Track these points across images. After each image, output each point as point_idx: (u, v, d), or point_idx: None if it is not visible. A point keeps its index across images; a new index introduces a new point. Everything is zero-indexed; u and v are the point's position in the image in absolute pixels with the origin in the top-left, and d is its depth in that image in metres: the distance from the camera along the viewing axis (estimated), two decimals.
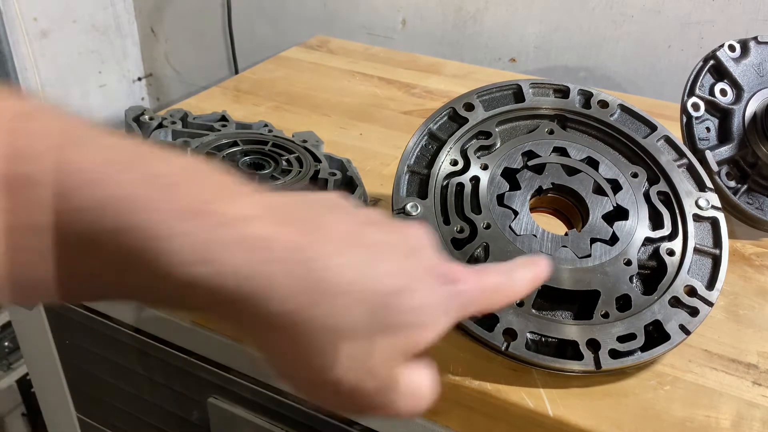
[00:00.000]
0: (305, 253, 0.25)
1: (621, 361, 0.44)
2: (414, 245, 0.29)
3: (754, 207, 0.61)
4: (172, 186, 0.24)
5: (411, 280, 0.28)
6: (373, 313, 0.26)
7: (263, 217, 0.25)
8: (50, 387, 0.75)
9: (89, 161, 0.23)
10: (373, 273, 0.27)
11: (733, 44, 0.63)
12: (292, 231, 0.26)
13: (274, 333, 0.26)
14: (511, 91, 0.54)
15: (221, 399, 0.59)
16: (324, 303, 0.26)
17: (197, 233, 0.24)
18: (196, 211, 0.24)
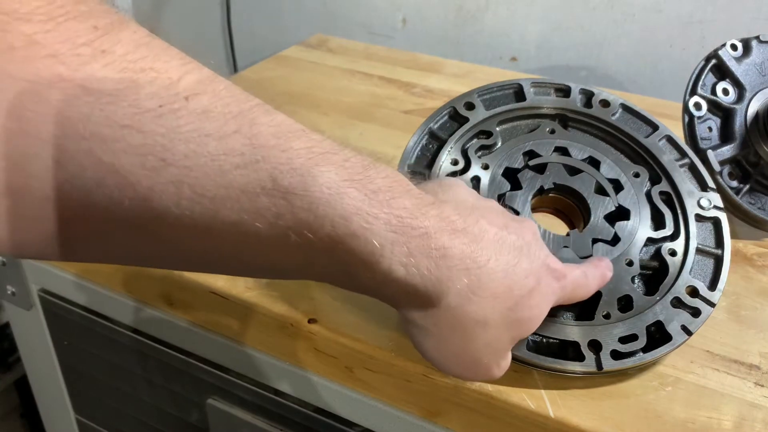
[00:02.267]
0: (470, 261, 0.32)
1: (622, 362, 0.44)
2: (532, 244, 0.36)
3: (756, 207, 0.61)
4: (385, 202, 0.30)
5: (537, 281, 0.35)
6: (510, 310, 0.34)
7: (443, 230, 0.32)
8: (48, 388, 0.75)
9: (337, 179, 0.28)
10: (515, 276, 0.34)
11: (735, 43, 0.63)
12: (462, 241, 0.32)
13: (438, 321, 0.33)
14: (512, 91, 0.54)
15: (220, 400, 0.58)
16: (479, 301, 0.33)
17: (402, 243, 0.30)
18: (402, 225, 0.30)
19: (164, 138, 0.24)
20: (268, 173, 0.27)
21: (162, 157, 0.24)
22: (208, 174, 0.25)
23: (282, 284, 0.53)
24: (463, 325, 0.33)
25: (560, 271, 0.38)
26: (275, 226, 0.27)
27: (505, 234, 0.35)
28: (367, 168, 0.30)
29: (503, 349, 0.36)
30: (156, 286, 0.55)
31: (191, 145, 0.25)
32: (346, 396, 0.51)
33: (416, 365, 0.46)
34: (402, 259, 0.30)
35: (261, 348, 0.53)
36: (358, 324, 0.49)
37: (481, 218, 0.34)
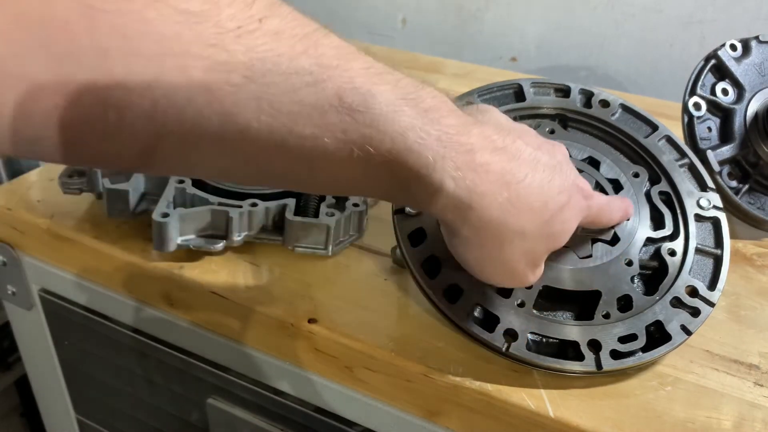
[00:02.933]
0: (509, 176, 0.35)
1: (622, 362, 0.44)
2: (564, 164, 0.39)
3: (755, 207, 0.61)
4: (436, 120, 0.32)
5: (569, 198, 0.38)
6: (545, 223, 0.37)
7: (485, 148, 0.34)
8: (49, 388, 0.75)
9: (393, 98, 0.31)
10: (549, 191, 0.37)
11: (735, 43, 0.63)
12: (501, 158, 0.35)
13: (481, 232, 0.36)
14: (511, 91, 0.54)
15: (220, 400, 0.58)
16: (517, 214, 0.35)
17: (451, 158, 0.33)
18: (450, 141, 0.33)
19: (245, 56, 0.27)
20: (334, 92, 0.29)
21: (244, 75, 0.27)
22: (283, 91, 0.28)
23: (282, 284, 0.53)
24: (503, 236, 0.36)
25: (588, 191, 0.42)
26: (341, 141, 0.30)
27: (540, 153, 0.37)
28: (418, 88, 0.33)
29: (539, 258, 0.39)
30: (156, 286, 0.55)
31: (268, 64, 0.27)
32: (346, 396, 0.51)
33: (416, 365, 0.46)
34: (451, 173, 0.33)
35: (261, 348, 0.53)
36: (358, 324, 0.49)
37: (518, 138, 0.37)
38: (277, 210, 0.54)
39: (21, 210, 0.60)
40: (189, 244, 0.52)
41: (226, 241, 0.53)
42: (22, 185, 0.64)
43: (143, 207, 0.56)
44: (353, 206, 0.56)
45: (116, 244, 0.56)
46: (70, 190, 0.58)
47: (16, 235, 0.62)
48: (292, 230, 0.53)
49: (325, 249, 0.54)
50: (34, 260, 0.63)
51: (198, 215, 0.52)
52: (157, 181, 0.55)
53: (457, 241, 0.38)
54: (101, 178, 0.56)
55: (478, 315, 0.46)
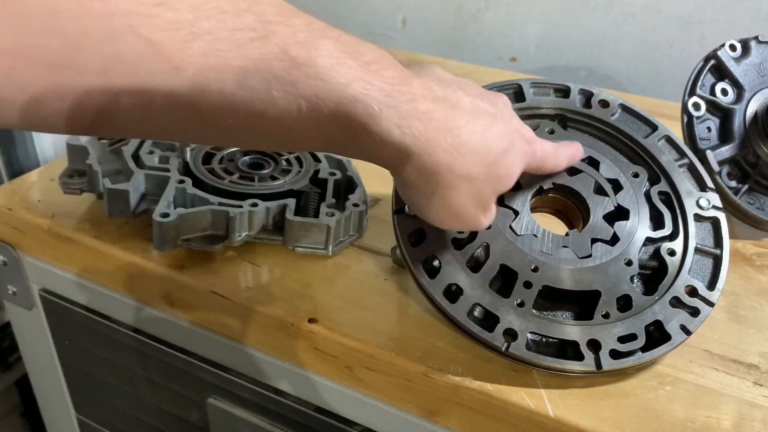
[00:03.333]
0: (452, 123, 0.36)
1: (622, 362, 0.44)
2: (505, 111, 0.41)
3: (755, 207, 0.61)
4: (378, 72, 0.34)
5: (510, 142, 0.40)
6: (489, 165, 0.38)
7: (426, 96, 0.36)
8: (49, 387, 0.75)
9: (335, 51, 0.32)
10: (491, 136, 0.38)
11: (734, 44, 0.63)
12: (443, 107, 0.36)
13: (429, 178, 0.37)
14: (511, 91, 0.54)
15: (221, 399, 0.58)
16: (462, 158, 0.37)
17: (395, 107, 0.34)
18: (393, 91, 0.34)
19: (191, 14, 0.28)
20: (279, 46, 0.31)
21: (191, 31, 0.28)
22: (230, 46, 0.29)
23: (282, 284, 0.53)
24: (451, 180, 0.37)
25: (530, 136, 0.44)
26: (290, 94, 0.31)
27: (480, 102, 0.39)
28: (359, 43, 0.34)
29: (487, 200, 0.41)
30: (157, 286, 0.55)
31: (213, 21, 0.29)
32: (346, 395, 0.51)
33: (416, 365, 0.46)
34: (396, 121, 0.34)
35: (261, 347, 0.53)
36: (358, 324, 0.49)
37: (458, 89, 0.38)
38: (278, 210, 0.54)
39: (21, 210, 0.60)
40: (189, 244, 0.52)
41: (227, 241, 0.53)
42: (22, 185, 0.64)
43: (144, 207, 0.56)
44: (353, 206, 0.56)
45: (117, 244, 0.56)
46: (71, 190, 0.58)
47: (17, 235, 0.62)
48: (292, 230, 0.53)
49: (325, 249, 0.54)
50: (35, 260, 0.63)
51: (198, 215, 0.52)
52: (157, 181, 0.56)
53: (409, 191, 0.40)
54: (102, 178, 0.56)
55: (478, 315, 0.46)
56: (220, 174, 0.57)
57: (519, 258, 0.47)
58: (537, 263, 0.47)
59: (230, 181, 0.57)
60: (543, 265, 0.47)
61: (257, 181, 0.57)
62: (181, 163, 0.58)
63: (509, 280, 0.47)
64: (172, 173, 0.55)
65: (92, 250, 0.57)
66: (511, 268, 0.47)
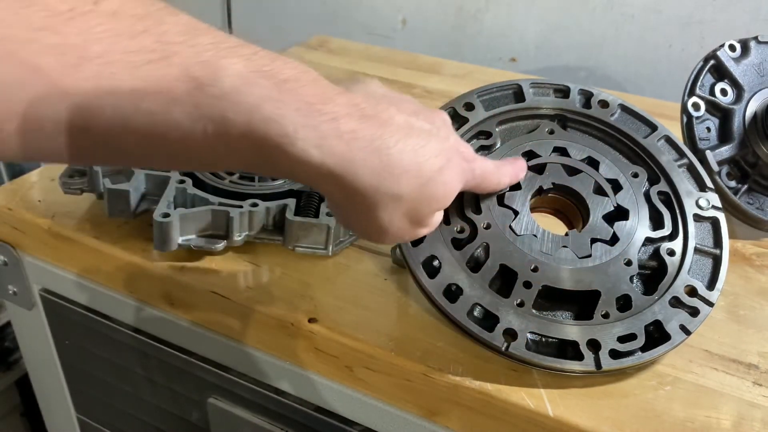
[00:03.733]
0: (379, 142, 0.35)
1: (621, 362, 0.44)
2: (442, 129, 0.39)
3: (754, 207, 0.61)
4: (294, 91, 0.32)
5: (447, 160, 0.38)
6: (422, 185, 0.37)
7: (352, 114, 0.34)
8: (50, 387, 0.75)
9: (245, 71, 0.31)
10: (424, 155, 0.37)
11: (734, 44, 0.63)
12: (370, 125, 0.35)
13: (355, 198, 0.36)
14: (511, 91, 0.54)
15: (221, 399, 0.59)
16: (391, 179, 0.35)
17: (313, 127, 0.33)
18: (311, 110, 0.33)
19: (79, 37, 0.27)
20: (179, 67, 0.29)
21: (80, 56, 0.27)
22: (124, 69, 0.28)
23: (282, 284, 0.53)
24: (379, 201, 0.36)
25: (469, 154, 0.42)
26: (193, 116, 0.30)
27: (414, 120, 0.38)
28: (275, 60, 0.33)
29: (424, 217, 0.40)
30: (157, 286, 0.55)
31: (105, 44, 0.28)
32: (346, 395, 0.51)
33: (416, 365, 0.46)
34: (315, 141, 0.33)
35: (261, 347, 0.53)
36: (358, 324, 0.49)
37: (391, 106, 0.37)
38: (278, 210, 0.54)
39: (22, 210, 0.60)
40: (189, 244, 0.53)
41: (227, 241, 0.53)
42: (23, 185, 0.64)
43: (144, 207, 0.56)
44: None
45: (117, 244, 0.56)
46: (71, 190, 0.58)
47: (17, 235, 0.62)
48: (293, 230, 0.53)
49: (325, 249, 0.54)
50: (35, 260, 0.63)
51: (198, 215, 0.52)
52: (157, 181, 0.56)
53: (337, 210, 0.39)
54: (102, 178, 0.56)
55: (478, 315, 0.46)
56: (220, 174, 0.57)
57: (519, 258, 0.47)
58: (537, 263, 0.47)
59: (230, 181, 0.57)
60: (543, 265, 0.47)
61: (257, 181, 0.57)
62: None
63: (509, 280, 0.47)
64: (172, 173, 0.55)
65: (92, 250, 0.57)
66: (510, 268, 0.47)
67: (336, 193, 0.36)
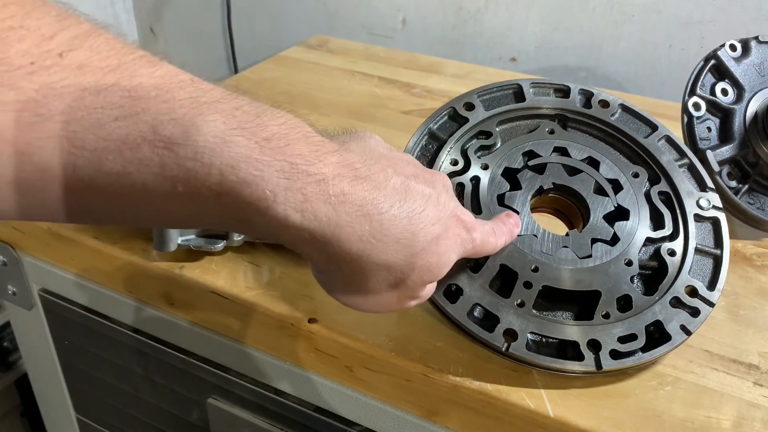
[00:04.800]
0: (371, 207, 0.33)
1: (622, 362, 0.44)
2: (441, 194, 0.37)
3: (755, 207, 0.61)
4: (278, 149, 0.30)
5: (445, 229, 0.36)
6: (415, 255, 0.35)
7: (343, 176, 0.32)
8: (49, 387, 0.75)
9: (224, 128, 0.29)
10: (420, 222, 0.34)
11: (734, 44, 0.63)
12: (363, 188, 0.33)
13: (339, 265, 0.34)
14: (511, 91, 0.54)
15: (221, 400, 0.59)
16: (380, 247, 0.33)
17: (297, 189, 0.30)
18: (296, 171, 0.30)
19: (38, 94, 0.25)
20: (149, 124, 0.27)
21: (38, 113, 0.25)
22: (86, 127, 0.26)
23: (282, 284, 0.53)
24: (367, 269, 0.34)
25: (470, 222, 0.39)
26: (161, 176, 0.28)
27: (413, 183, 0.35)
28: (261, 115, 0.30)
29: (414, 289, 0.37)
30: (156, 286, 0.55)
31: (66, 100, 0.26)
32: (346, 395, 0.51)
33: (416, 365, 0.46)
34: (297, 205, 0.30)
35: (261, 347, 0.53)
36: (358, 324, 0.49)
37: (388, 167, 0.35)
38: None
39: None
40: (189, 244, 0.52)
41: (227, 241, 0.53)
42: None
43: None
44: None
45: (116, 244, 0.56)
46: None
47: (17, 235, 0.62)
48: None
49: None
50: (35, 260, 0.63)
51: None
52: None
53: (320, 275, 0.37)
54: None
55: (478, 315, 0.46)
56: None
57: (519, 258, 0.47)
58: (537, 263, 0.47)
59: None
60: (543, 266, 0.47)
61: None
62: None
63: (509, 280, 0.47)
64: None
65: (92, 250, 0.57)
66: (511, 269, 0.47)
67: (319, 259, 0.34)
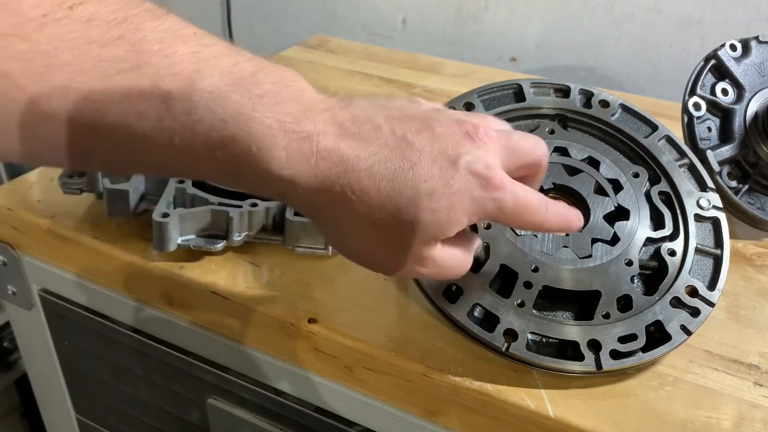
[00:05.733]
0: (353, 162, 0.32)
1: (622, 362, 0.44)
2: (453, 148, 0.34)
3: (755, 207, 0.61)
4: (269, 107, 0.31)
5: (443, 185, 0.33)
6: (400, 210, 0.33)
7: (329, 134, 0.32)
8: (49, 387, 0.75)
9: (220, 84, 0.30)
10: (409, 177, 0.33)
11: (735, 44, 0.63)
12: (346, 145, 0.32)
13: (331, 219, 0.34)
14: (511, 91, 0.54)
15: (220, 400, 0.58)
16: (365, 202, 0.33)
17: (290, 145, 0.31)
18: (283, 129, 0.31)
19: (49, 45, 0.26)
20: (150, 78, 0.28)
21: (47, 63, 0.27)
22: (92, 78, 0.28)
23: (282, 284, 0.53)
24: (354, 225, 0.34)
25: (496, 181, 0.35)
26: (159, 128, 0.29)
27: (413, 138, 0.34)
28: (257, 72, 0.31)
29: (412, 248, 0.35)
30: (156, 286, 0.55)
31: (76, 52, 0.27)
32: (346, 395, 0.51)
33: (416, 365, 0.46)
34: (283, 161, 0.31)
35: (261, 348, 0.53)
36: (358, 324, 0.49)
37: (386, 124, 0.34)
38: (278, 210, 0.54)
39: (21, 210, 0.60)
40: (189, 244, 0.52)
41: (226, 241, 0.53)
42: (22, 185, 0.64)
43: (143, 207, 0.56)
44: None
45: (116, 244, 0.56)
46: (71, 190, 0.58)
47: (17, 235, 0.62)
48: (293, 230, 0.53)
49: (325, 249, 0.54)
50: (35, 260, 0.63)
51: (198, 215, 0.52)
52: (157, 182, 0.56)
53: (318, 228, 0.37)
54: (101, 178, 0.56)
55: (478, 315, 0.46)
56: None
57: (519, 258, 0.47)
58: (537, 263, 0.47)
59: None
60: (543, 266, 0.47)
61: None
62: None
63: (509, 280, 0.47)
64: None
65: (92, 250, 0.57)
66: (511, 268, 0.46)
67: (307, 212, 0.35)
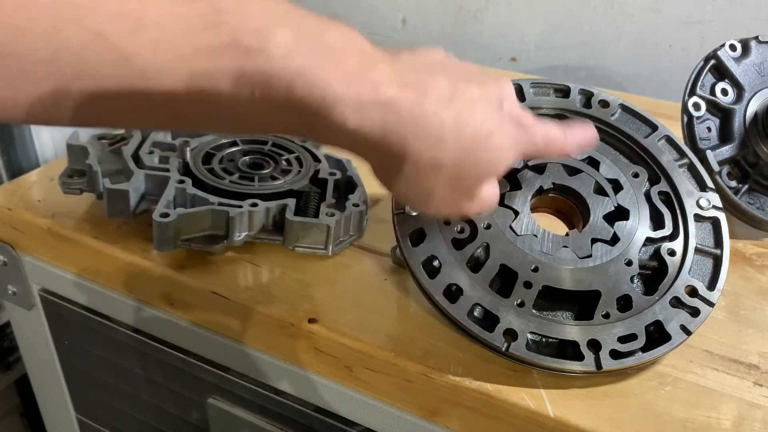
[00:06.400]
0: (417, 109, 0.35)
1: (622, 362, 0.44)
2: (496, 98, 0.39)
3: (755, 207, 0.61)
4: (338, 60, 0.33)
5: (496, 127, 0.38)
6: (464, 152, 0.37)
7: (392, 82, 0.34)
8: (49, 387, 0.75)
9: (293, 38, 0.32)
10: (467, 121, 0.36)
11: (734, 44, 0.63)
12: (410, 92, 0.35)
13: (390, 164, 0.37)
14: None
15: (221, 400, 0.58)
16: (428, 146, 0.36)
17: (352, 95, 0.33)
18: (350, 79, 0.33)
19: (139, 4, 0.29)
20: (229, 34, 0.30)
21: (138, 21, 0.29)
22: (180, 35, 0.30)
23: (282, 284, 0.53)
24: (417, 168, 0.36)
25: (528, 121, 0.41)
26: (239, 82, 0.31)
27: (463, 86, 0.37)
28: (323, 29, 0.34)
29: (471, 186, 0.39)
30: (156, 286, 0.55)
31: (162, 9, 0.29)
32: (346, 395, 0.51)
33: (416, 365, 0.46)
34: (353, 109, 0.33)
35: (261, 347, 0.53)
36: (358, 324, 0.49)
37: (438, 74, 0.37)
38: (278, 210, 0.54)
39: (21, 210, 0.60)
40: (189, 244, 0.52)
41: (227, 241, 0.53)
42: (22, 185, 0.64)
43: (143, 207, 0.56)
44: (353, 206, 0.56)
45: (116, 244, 0.56)
46: (71, 190, 0.58)
47: (17, 235, 0.62)
48: (292, 230, 0.53)
49: (325, 249, 0.54)
50: (35, 260, 0.63)
51: (198, 215, 0.52)
52: (157, 181, 0.56)
53: (379, 173, 0.39)
54: (102, 178, 0.56)
55: (478, 315, 0.46)
56: (220, 174, 0.57)
57: (519, 258, 0.47)
58: (537, 263, 0.47)
59: (230, 181, 0.57)
60: (543, 265, 0.47)
61: (257, 181, 0.57)
62: (181, 163, 0.57)
63: (509, 280, 0.47)
64: (172, 173, 0.55)
65: (92, 250, 0.57)
66: (511, 268, 0.47)
67: (375, 160, 0.37)
